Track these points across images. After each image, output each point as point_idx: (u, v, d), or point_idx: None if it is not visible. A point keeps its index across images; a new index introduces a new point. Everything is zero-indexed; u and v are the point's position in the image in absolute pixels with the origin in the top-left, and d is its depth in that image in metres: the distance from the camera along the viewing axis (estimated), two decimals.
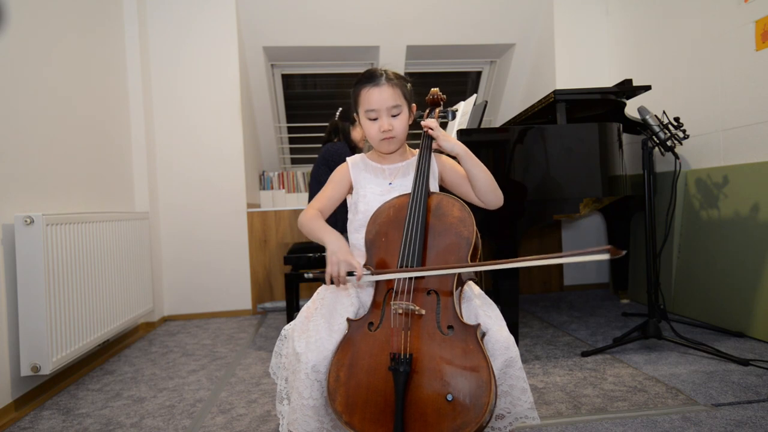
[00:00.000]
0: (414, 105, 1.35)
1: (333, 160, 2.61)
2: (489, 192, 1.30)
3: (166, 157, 3.28)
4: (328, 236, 1.21)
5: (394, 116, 1.28)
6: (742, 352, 2.10)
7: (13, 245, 1.85)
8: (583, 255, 0.96)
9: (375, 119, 1.28)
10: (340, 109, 2.86)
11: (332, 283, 1.15)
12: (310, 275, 1.21)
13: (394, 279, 1.14)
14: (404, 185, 1.33)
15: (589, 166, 2.18)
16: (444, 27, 3.69)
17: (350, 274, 1.14)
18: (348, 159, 1.40)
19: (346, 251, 1.16)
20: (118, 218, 2.53)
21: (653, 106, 2.59)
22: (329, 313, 1.19)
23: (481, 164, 1.29)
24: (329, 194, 1.37)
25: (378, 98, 1.25)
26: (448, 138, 1.29)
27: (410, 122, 1.34)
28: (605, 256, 0.95)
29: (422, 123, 1.31)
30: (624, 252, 0.94)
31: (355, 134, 2.79)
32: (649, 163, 2.24)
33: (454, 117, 1.44)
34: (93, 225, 2.25)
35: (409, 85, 1.32)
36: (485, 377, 0.99)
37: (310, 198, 2.80)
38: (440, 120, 1.44)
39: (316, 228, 1.26)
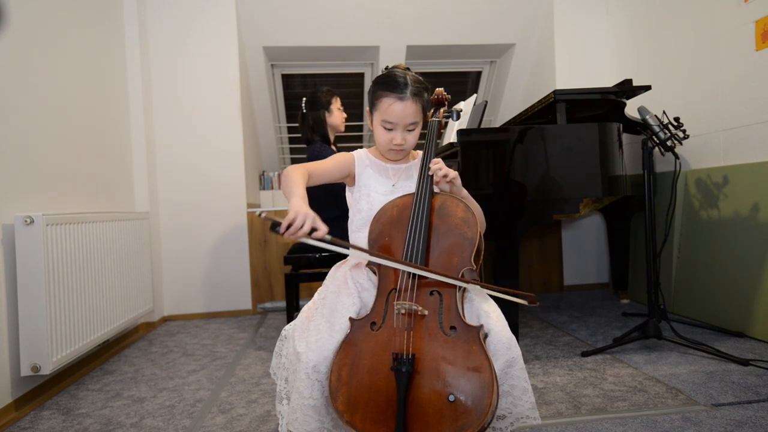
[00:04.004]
0: (429, 113, 1.36)
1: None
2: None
3: (166, 156, 3.27)
4: (297, 199, 1.11)
5: (409, 131, 1.29)
6: (742, 352, 2.11)
7: (13, 245, 1.85)
8: (506, 294, 1.12)
9: (390, 129, 1.28)
10: (304, 99, 2.62)
11: (283, 233, 1.03)
12: (263, 215, 1.03)
13: (398, 279, 1.14)
14: (407, 187, 1.33)
15: (589, 166, 2.18)
16: (444, 27, 3.69)
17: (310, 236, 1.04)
18: (354, 153, 1.40)
19: (312, 212, 1.07)
20: (118, 218, 2.52)
21: (653, 106, 2.59)
22: (330, 313, 1.19)
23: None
24: (326, 168, 1.32)
25: (400, 114, 1.25)
26: (461, 186, 1.30)
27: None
28: (523, 302, 1.12)
29: (436, 174, 1.24)
30: (537, 304, 1.11)
31: (332, 119, 2.61)
32: (649, 163, 2.24)
33: (458, 117, 1.44)
34: (93, 225, 2.25)
35: (426, 94, 1.30)
36: (487, 378, 0.99)
37: None
38: (444, 119, 1.44)
39: (295, 185, 1.16)
